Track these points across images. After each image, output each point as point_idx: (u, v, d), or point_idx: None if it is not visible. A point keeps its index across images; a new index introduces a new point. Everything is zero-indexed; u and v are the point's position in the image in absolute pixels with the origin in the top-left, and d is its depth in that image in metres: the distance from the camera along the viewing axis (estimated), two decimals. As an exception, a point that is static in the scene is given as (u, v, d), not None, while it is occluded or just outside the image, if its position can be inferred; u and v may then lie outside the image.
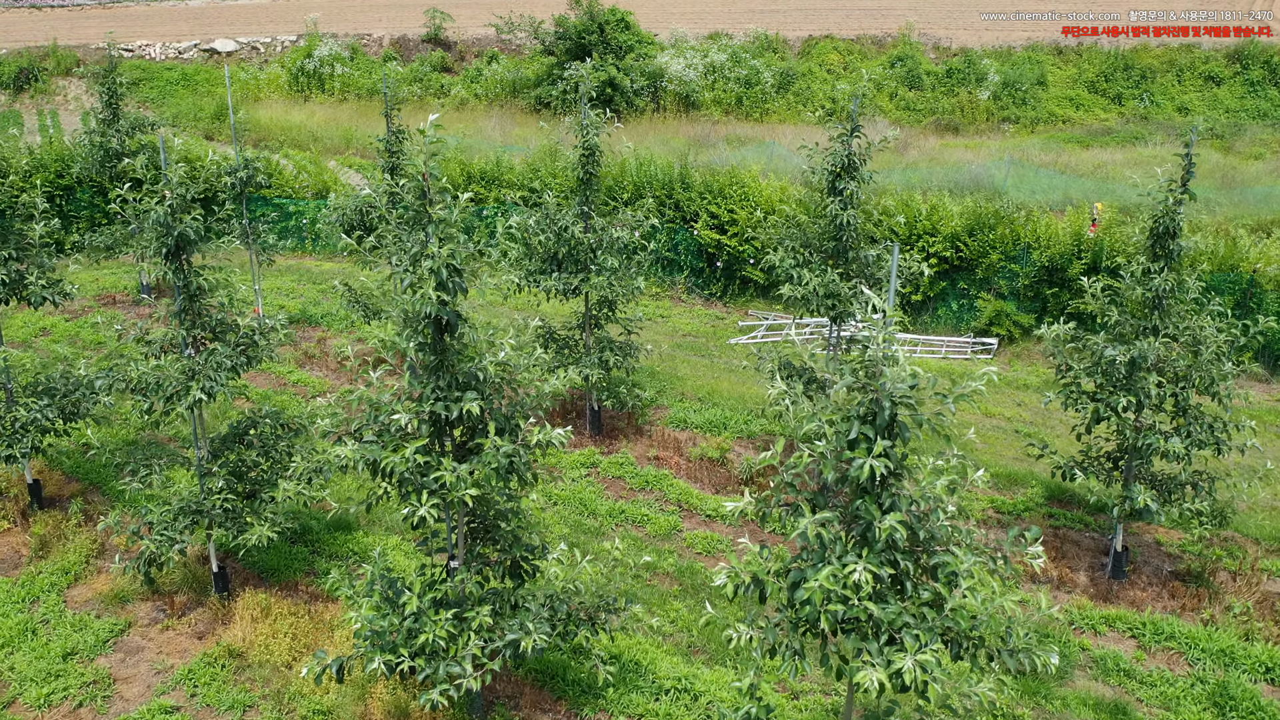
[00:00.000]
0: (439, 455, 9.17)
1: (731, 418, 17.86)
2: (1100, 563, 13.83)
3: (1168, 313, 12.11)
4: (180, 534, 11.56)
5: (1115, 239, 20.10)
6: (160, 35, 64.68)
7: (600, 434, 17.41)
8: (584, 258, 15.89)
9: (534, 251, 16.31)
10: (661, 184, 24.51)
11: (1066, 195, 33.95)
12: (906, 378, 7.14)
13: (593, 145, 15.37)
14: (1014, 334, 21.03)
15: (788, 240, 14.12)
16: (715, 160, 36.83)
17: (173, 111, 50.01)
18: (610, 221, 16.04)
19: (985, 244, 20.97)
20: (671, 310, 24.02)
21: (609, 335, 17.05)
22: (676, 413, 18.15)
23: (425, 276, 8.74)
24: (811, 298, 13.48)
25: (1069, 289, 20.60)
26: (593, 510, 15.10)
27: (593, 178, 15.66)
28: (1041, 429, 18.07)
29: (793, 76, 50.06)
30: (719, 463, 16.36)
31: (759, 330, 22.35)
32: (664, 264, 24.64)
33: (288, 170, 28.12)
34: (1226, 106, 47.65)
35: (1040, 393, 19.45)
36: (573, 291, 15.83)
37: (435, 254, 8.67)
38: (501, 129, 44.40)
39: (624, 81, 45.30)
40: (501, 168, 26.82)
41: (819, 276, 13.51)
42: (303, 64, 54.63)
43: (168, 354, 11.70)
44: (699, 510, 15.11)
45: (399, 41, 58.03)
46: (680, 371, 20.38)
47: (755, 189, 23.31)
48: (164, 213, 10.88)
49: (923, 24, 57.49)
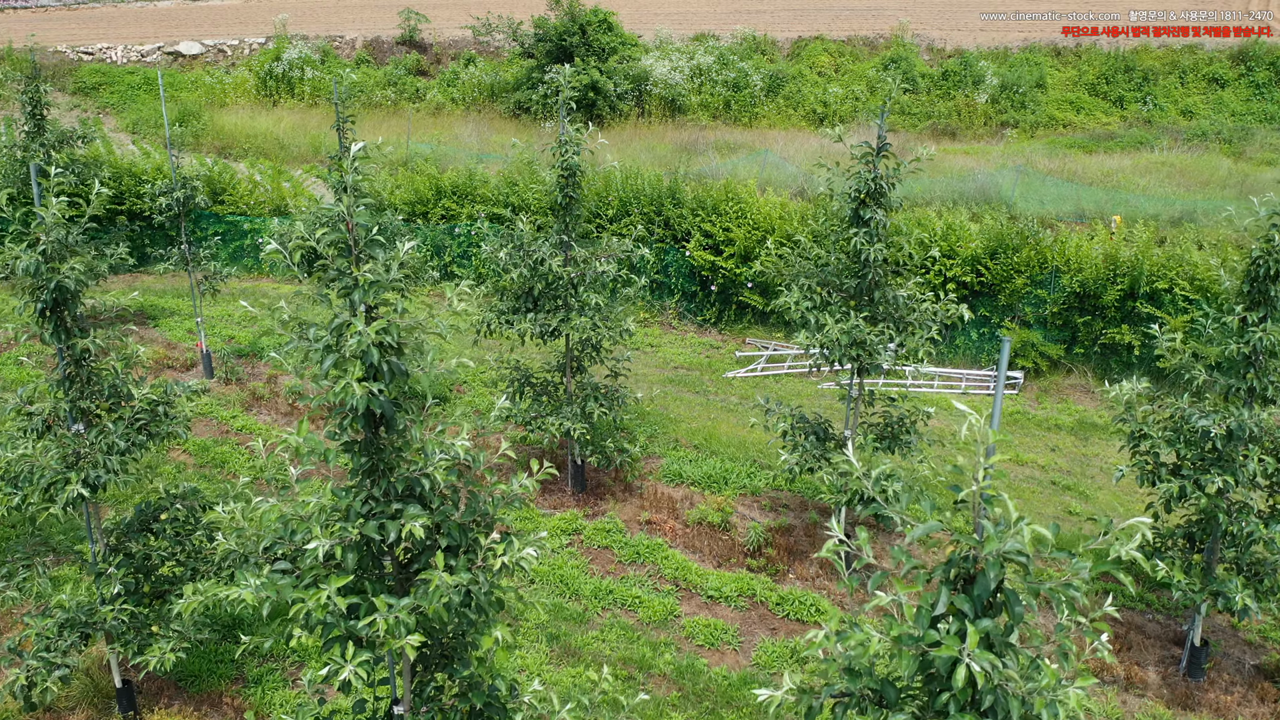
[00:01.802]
0: (372, 590, 7.01)
1: (732, 470, 15.77)
2: (1171, 655, 11.79)
3: (1265, 371, 10.06)
4: (65, 653, 9.36)
5: (1155, 261, 18.10)
6: (124, 37, 62.11)
7: (584, 491, 15.27)
8: (564, 294, 13.76)
9: (505, 288, 14.16)
10: (650, 199, 22.39)
11: (1078, 206, 32.00)
12: (1018, 532, 5.02)
13: (573, 166, 13.23)
14: (1041, 366, 19.01)
15: (802, 277, 12.01)
16: (705, 170, 34.71)
17: (134, 118, 47.49)
18: (594, 252, 13.91)
19: (1009, 267, 18.95)
20: (662, 338, 21.89)
21: (594, 380, 14.93)
22: (670, 463, 16.05)
23: (349, 360, 6.60)
24: (833, 348, 11.38)
25: (1102, 317, 18.60)
26: (575, 590, 12.96)
27: (573, 202, 13.53)
28: (1080, 479, 16.05)
29: (782, 79, 48.03)
30: (720, 528, 14.24)
31: (758, 362, 20.26)
32: (653, 287, 22.51)
33: (242, 184, 25.83)
34: (1232, 110, 45.90)
35: (1076, 435, 17.44)
36: (551, 334, 13.69)
37: (361, 332, 6.52)
38: (479, 135, 42.17)
39: (607, 85, 43.18)
40: (475, 181, 24.64)
41: (841, 323, 11.42)
42: (271, 67, 52.22)
43: (53, 429, 9.49)
44: (699, 589, 12.98)
45: (372, 44, 55.71)
46: (673, 411, 18.27)
47: (753, 205, 21.21)
48: (35, 260, 8.67)
49: (916, 24, 55.58)
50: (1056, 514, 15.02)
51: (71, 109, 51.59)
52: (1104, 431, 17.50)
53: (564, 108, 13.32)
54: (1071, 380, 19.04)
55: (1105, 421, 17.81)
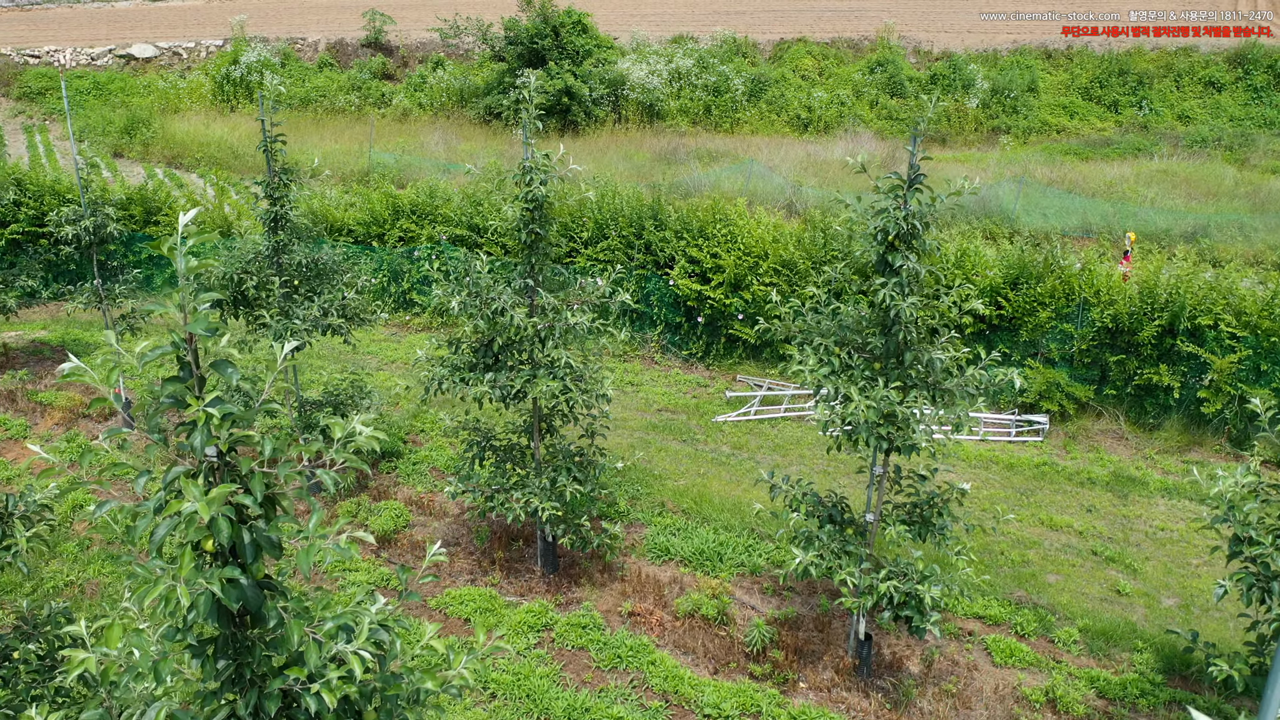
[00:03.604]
0: None
1: (727, 543, 13.64)
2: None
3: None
4: None
5: (1197, 293, 16.11)
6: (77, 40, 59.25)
7: (556, 572, 13.09)
8: (529, 350, 11.58)
9: (459, 340, 11.95)
10: (629, 220, 20.22)
11: (1084, 220, 30.10)
12: None
13: (538, 199, 11.05)
14: (1068, 409, 17.00)
15: (816, 336, 9.88)
16: (687, 181, 32.57)
17: (80, 125, 44.77)
18: (565, 298, 11.73)
19: (1032, 299, 16.91)
20: (643, 375, 19.72)
21: (566, 445, 12.75)
22: (656, 534, 13.90)
23: (186, 530, 4.41)
24: (861, 429, 9.25)
25: (1137, 355, 16.60)
26: (545, 708, 10.76)
27: (539, 240, 11.36)
28: (1124, 547, 14.02)
29: (765, 83, 45.96)
30: (717, 622, 12.09)
31: (751, 403, 18.14)
32: (634, 317, 20.35)
33: (179, 205, 23.45)
34: (1230, 114, 44.26)
35: (1112, 490, 15.43)
36: (514, 397, 11.50)
37: (197, 500, 4.28)
38: (446, 144, 39.84)
39: (582, 90, 40.96)
40: (436, 199, 22.38)
41: (868, 395, 9.29)
42: (228, 71, 49.60)
43: None
44: (693, 706, 10.82)
45: (336, 46, 53.23)
46: (658, 465, 16.13)
47: (743, 229, 19.08)
48: None
49: (901, 26, 53.68)
50: (1102, 593, 12.98)
51: (15, 115, 48.83)
52: (1143, 487, 15.50)
53: (528, 126, 11.14)
54: (1102, 425, 17.04)
55: (1144, 474, 15.82)
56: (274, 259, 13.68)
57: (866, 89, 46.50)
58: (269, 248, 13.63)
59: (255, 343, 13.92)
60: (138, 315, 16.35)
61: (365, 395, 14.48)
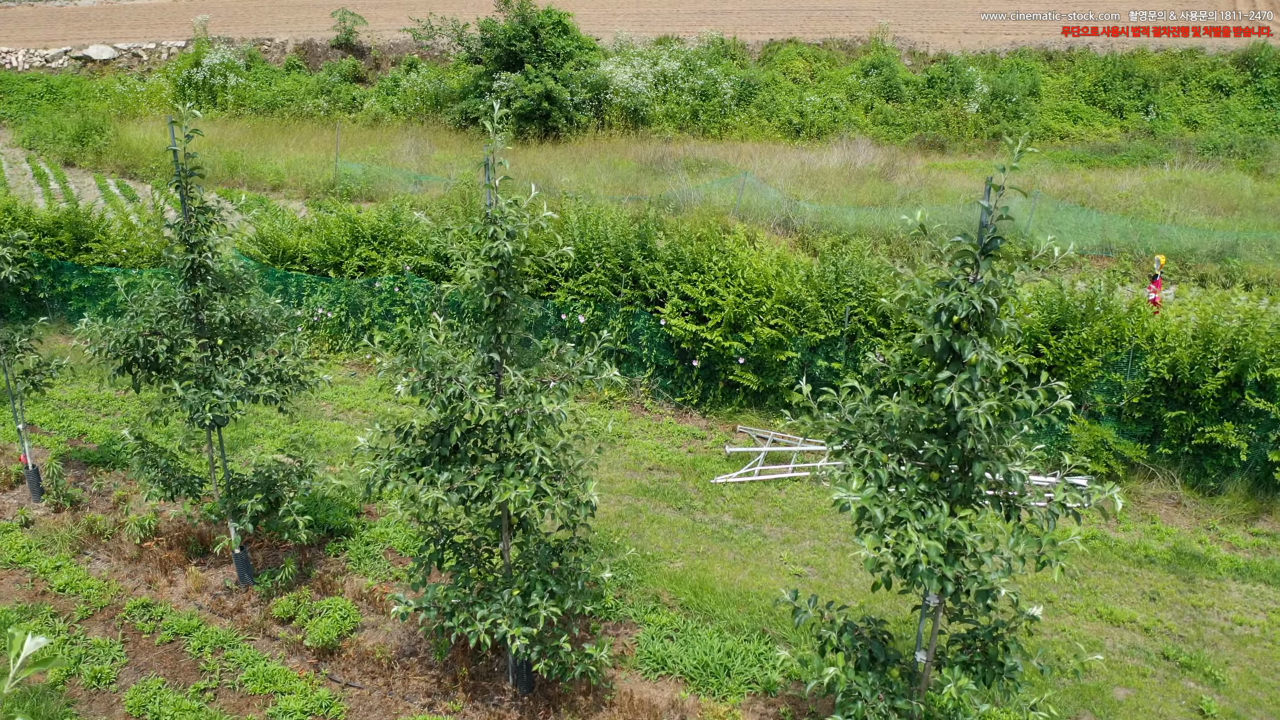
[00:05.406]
0: None
1: (735, 651, 11.47)
2: None
3: None
4: None
5: (1270, 338, 14.04)
6: (33, 40, 56.50)
7: (531, 693, 10.90)
8: (493, 442, 9.38)
9: (408, 429, 9.74)
10: (615, 249, 18.03)
11: (1104, 238, 28.08)
12: None
13: (505, 255, 8.84)
14: (1117, 470, 14.93)
15: (860, 440, 7.72)
16: (676, 195, 30.36)
17: (30, 132, 42.12)
18: (539, 373, 9.53)
19: (1078, 346, 14.81)
20: (632, 424, 17.53)
21: (542, 542, 10.54)
22: (650, 638, 11.73)
23: None
24: (921, 574, 7.10)
25: (1197, 410, 14.55)
26: None
27: (507, 304, 9.16)
28: (1200, 647, 11.94)
29: (754, 87, 43.77)
30: (726, 767, 9.92)
31: (755, 461, 16.00)
32: (621, 359, 18.16)
33: (115, 227, 21.10)
34: (1240, 119, 42.40)
35: (1175, 572, 13.35)
36: (477, 499, 9.29)
37: None
38: (418, 152, 37.48)
39: (563, 94, 38.70)
40: (400, 224, 20.11)
41: (925, 528, 7.13)
42: (190, 73, 47.10)
43: None
44: None
45: (305, 47, 50.74)
46: (650, 540, 13.96)
47: (743, 262, 16.91)
48: None
49: (895, 26, 51.60)
50: (1184, 712, 10.89)
51: (-40, 122, 46.19)
52: (1211, 567, 13.44)
53: (492, 169, 8.91)
54: (1155, 489, 14.98)
55: (1209, 550, 13.77)
56: (192, 315, 11.42)
57: (860, 93, 44.42)
58: (185, 302, 11.36)
59: (171, 413, 11.65)
60: (45, 372, 14.04)
61: (304, 474, 12.23)
